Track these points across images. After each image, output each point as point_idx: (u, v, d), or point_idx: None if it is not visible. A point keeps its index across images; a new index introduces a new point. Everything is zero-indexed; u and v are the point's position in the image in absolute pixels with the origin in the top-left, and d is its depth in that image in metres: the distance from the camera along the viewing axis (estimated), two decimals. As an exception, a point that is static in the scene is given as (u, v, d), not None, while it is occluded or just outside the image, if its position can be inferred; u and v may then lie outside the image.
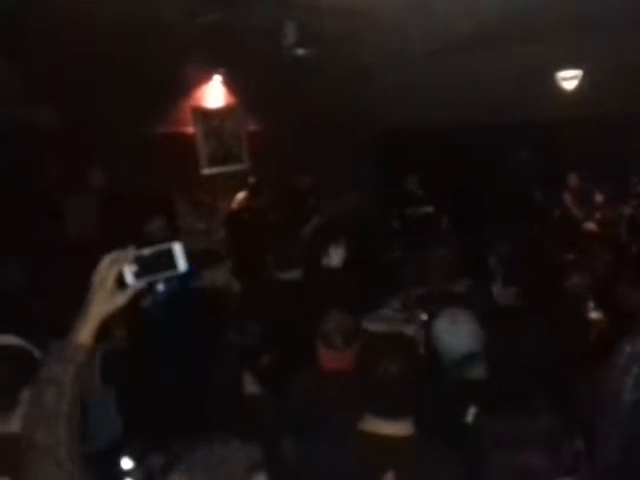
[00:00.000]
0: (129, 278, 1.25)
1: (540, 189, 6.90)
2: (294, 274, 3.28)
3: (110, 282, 1.24)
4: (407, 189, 6.43)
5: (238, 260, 3.78)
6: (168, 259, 1.26)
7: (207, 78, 6.95)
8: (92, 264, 1.31)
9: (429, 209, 5.96)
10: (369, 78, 7.57)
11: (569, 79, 6.70)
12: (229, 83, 7.08)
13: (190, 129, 6.94)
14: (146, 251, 1.26)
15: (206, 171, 7.03)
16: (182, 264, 1.27)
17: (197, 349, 2.55)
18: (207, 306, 2.80)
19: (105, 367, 2.57)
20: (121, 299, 1.26)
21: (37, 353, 1.79)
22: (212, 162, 7.10)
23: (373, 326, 3.23)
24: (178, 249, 1.27)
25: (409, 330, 3.03)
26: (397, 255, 4.60)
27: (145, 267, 1.25)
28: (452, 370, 2.17)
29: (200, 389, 2.45)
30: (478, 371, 2.15)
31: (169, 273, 1.28)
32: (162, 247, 1.27)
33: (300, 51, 5.39)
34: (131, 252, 1.26)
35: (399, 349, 1.78)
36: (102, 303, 1.23)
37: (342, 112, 7.53)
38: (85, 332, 1.23)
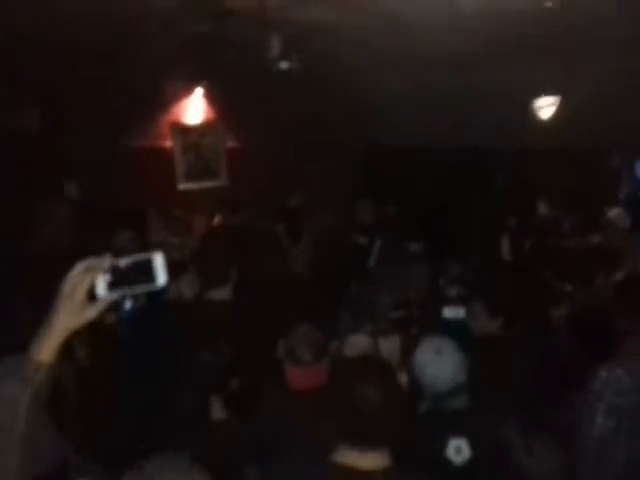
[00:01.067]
0: (101, 289, 1.12)
1: (514, 215, 6.98)
2: (223, 293, 3.06)
3: (81, 292, 1.11)
4: (358, 215, 6.32)
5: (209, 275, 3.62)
6: (147, 271, 1.14)
7: (187, 93, 6.91)
8: (60, 277, 1.21)
9: (364, 240, 5.88)
10: (353, 95, 7.63)
11: (545, 107, 6.82)
12: (210, 98, 7.04)
13: (168, 143, 6.87)
14: (123, 260, 1.14)
15: (182, 186, 6.95)
16: (162, 277, 1.15)
17: (166, 370, 2.45)
18: (176, 324, 2.68)
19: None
20: (92, 312, 1.12)
21: None
22: (189, 177, 7.02)
23: (349, 350, 3.16)
24: (159, 260, 1.14)
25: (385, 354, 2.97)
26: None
27: (120, 278, 1.13)
28: (435, 402, 2.09)
29: (167, 413, 2.35)
30: (459, 401, 2.08)
31: (147, 286, 1.15)
32: (141, 257, 1.15)
33: (284, 64, 5.35)
34: (107, 260, 1.13)
35: (377, 375, 1.69)
36: (70, 316, 1.10)
37: (326, 129, 7.55)
38: (47, 348, 1.10)
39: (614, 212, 5.97)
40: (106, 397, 2.41)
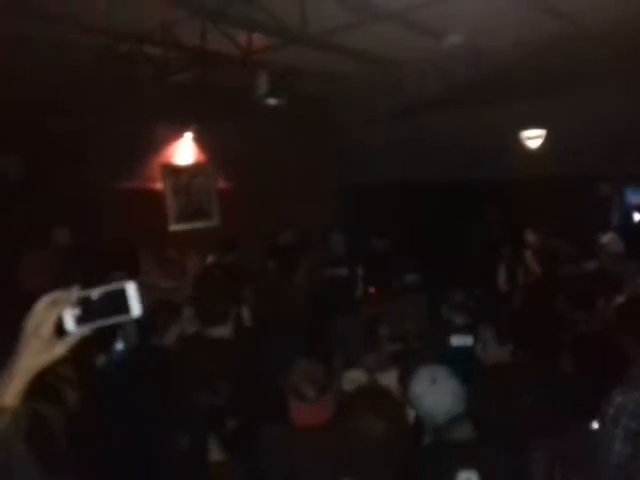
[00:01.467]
0: (69, 324, 1.04)
1: (508, 245, 6.97)
2: (223, 331, 2.94)
3: (47, 328, 1.02)
4: (331, 248, 6.28)
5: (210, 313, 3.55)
6: (120, 301, 1.06)
7: (178, 135, 6.97)
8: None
9: (344, 271, 5.86)
10: (341, 135, 7.73)
11: (534, 138, 6.93)
12: (200, 140, 7.10)
13: (159, 185, 6.87)
14: (94, 292, 1.06)
15: (173, 227, 6.92)
16: (136, 308, 1.07)
17: (160, 414, 2.34)
18: (170, 366, 2.58)
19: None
20: (60, 349, 1.03)
21: None
22: (180, 218, 7.00)
23: (346, 386, 3.07)
24: (132, 290, 1.07)
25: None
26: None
27: (91, 310, 1.05)
28: (438, 433, 2.00)
29: (163, 457, 2.24)
30: (464, 432, 1.99)
31: (120, 318, 1.07)
32: (113, 287, 1.07)
33: (272, 101, 5.42)
34: (75, 292, 1.05)
35: (382, 405, 1.61)
36: (36, 354, 1.01)
37: (314, 169, 7.62)
38: (12, 391, 1.00)
39: (607, 237, 5.97)
40: (97, 441, 2.30)
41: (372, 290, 5.24)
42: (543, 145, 6.92)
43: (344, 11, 4.64)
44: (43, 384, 1.06)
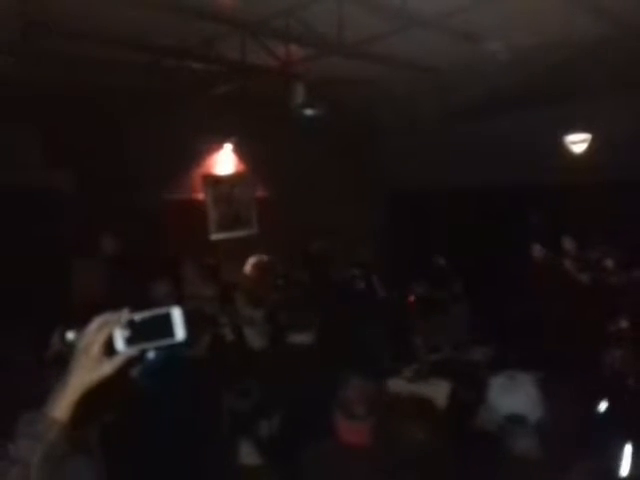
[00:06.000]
0: (119, 344, 1.13)
1: (550, 252, 6.79)
2: (305, 337, 3.04)
3: (97, 348, 1.12)
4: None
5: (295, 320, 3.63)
6: (165, 325, 1.14)
7: (218, 146, 7.11)
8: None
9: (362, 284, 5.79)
10: (380, 142, 7.72)
11: (578, 142, 6.74)
12: (239, 150, 7.23)
13: (200, 195, 7.02)
14: (141, 315, 1.15)
15: (215, 236, 7.05)
16: (180, 332, 1.15)
17: (191, 421, 2.38)
18: (203, 375, 2.62)
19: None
20: (108, 367, 1.13)
21: None
22: (221, 227, 7.13)
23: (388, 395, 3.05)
24: (177, 315, 1.15)
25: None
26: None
27: (139, 333, 1.14)
28: (498, 434, 1.91)
29: (194, 462, 2.28)
30: (527, 443, 1.89)
31: (165, 341, 1.15)
32: (159, 312, 1.15)
33: (308, 111, 5.47)
34: (124, 315, 1.14)
35: (423, 415, 1.60)
36: (86, 372, 1.11)
37: (352, 177, 7.63)
38: (62, 405, 1.09)
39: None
40: (130, 449, 2.35)
41: (411, 299, 5.20)
42: (588, 149, 6.71)
43: (381, 19, 4.65)
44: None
